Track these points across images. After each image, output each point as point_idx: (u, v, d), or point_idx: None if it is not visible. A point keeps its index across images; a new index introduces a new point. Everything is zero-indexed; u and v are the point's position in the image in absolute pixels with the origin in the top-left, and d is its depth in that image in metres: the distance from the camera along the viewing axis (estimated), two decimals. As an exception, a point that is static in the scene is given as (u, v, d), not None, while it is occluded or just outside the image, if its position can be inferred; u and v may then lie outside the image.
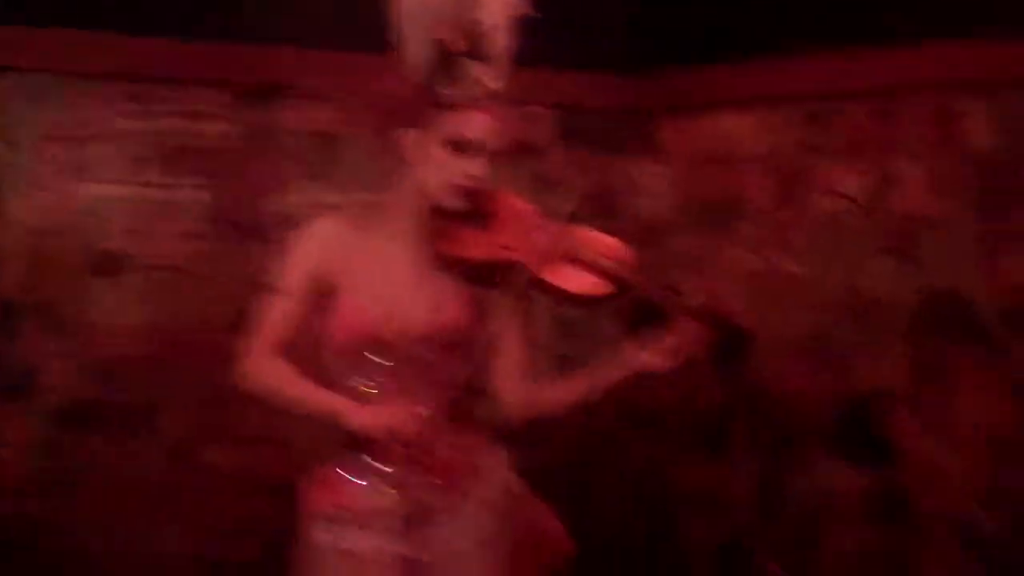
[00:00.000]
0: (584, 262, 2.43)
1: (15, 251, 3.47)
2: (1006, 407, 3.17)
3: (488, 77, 2.41)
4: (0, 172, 3.46)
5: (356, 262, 2.45)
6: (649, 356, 2.41)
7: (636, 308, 2.43)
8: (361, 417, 2.35)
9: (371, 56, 2.44)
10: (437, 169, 2.40)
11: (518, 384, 2.51)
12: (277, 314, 2.45)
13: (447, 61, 2.39)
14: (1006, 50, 3.18)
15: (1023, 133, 3.20)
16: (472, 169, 2.40)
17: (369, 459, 2.42)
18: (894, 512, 3.36)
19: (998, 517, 3.16)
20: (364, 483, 2.42)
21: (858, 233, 3.48)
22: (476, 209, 2.47)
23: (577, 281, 2.44)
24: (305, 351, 2.44)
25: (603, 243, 2.48)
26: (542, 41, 3.55)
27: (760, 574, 3.43)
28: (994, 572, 3.14)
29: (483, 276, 2.44)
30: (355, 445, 2.42)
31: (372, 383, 2.42)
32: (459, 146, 2.39)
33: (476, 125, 2.39)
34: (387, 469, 2.41)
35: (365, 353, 2.41)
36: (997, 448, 3.18)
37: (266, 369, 2.44)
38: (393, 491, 2.40)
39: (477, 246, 2.45)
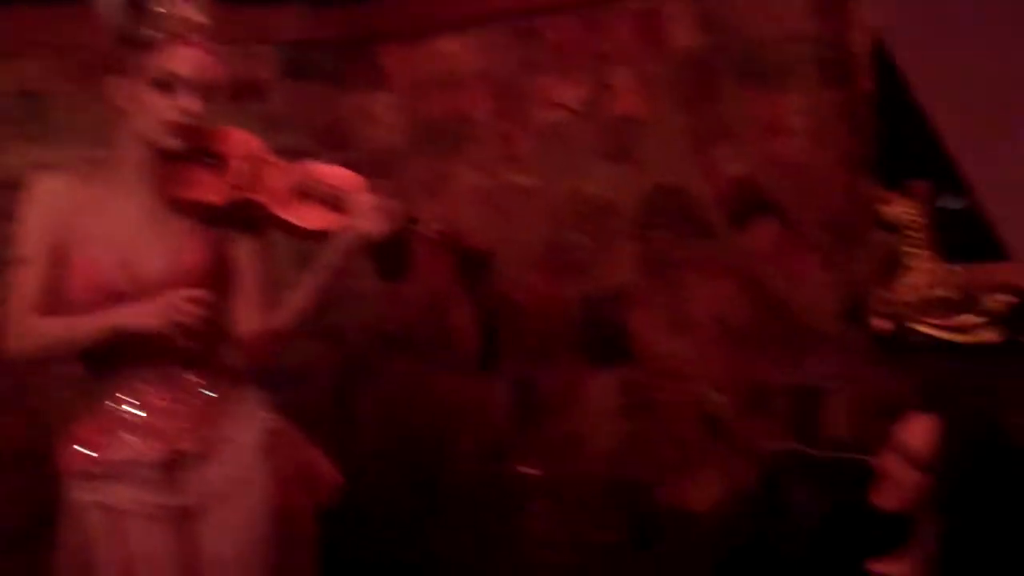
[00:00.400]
0: (317, 197, 2.46)
1: None
2: (733, 295, 3.31)
3: (183, 10, 2.39)
4: None
5: (87, 217, 2.42)
6: (360, 222, 2.44)
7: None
8: (139, 316, 2.33)
9: (70, 7, 2.39)
10: (149, 111, 2.38)
11: (258, 320, 2.52)
12: (24, 283, 2.41)
13: (137, 4, 2.36)
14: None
15: (724, 31, 3.32)
16: (185, 104, 2.38)
17: (123, 408, 2.41)
18: (640, 405, 3.50)
19: (733, 399, 3.32)
20: (118, 436, 2.41)
21: (579, 141, 3.57)
22: (203, 149, 2.47)
23: (312, 216, 2.47)
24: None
25: (335, 175, 2.52)
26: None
27: (519, 479, 3.57)
28: (733, 450, 3.30)
29: (219, 217, 2.45)
30: (108, 388, 2.42)
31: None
32: (167, 84, 2.37)
33: (181, 60, 2.38)
34: (140, 414, 2.40)
35: (106, 306, 2.38)
36: (728, 335, 3.33)
37: (33, 334, 2.40)
38: (146, 440, 2.40)
39: (210, 188, 2.45)
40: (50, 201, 2.43)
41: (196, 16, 2.40)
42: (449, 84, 3.83)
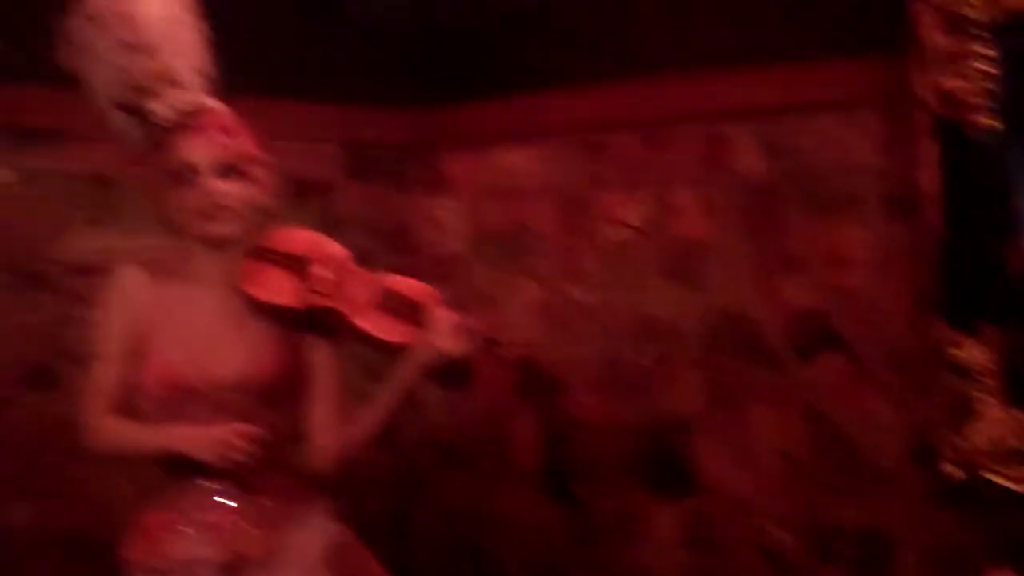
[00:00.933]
0: (393, 308, 2.47)
1: None
2: (798, 429, 3.29)
3: (179, 102, 2.41)
4: None
5: (164, 311, 2.43)
6: (438, 340, 2.42)
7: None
8: (189, 441, 2.33)
9: None
10: (178, 204, 2.41)
11: (332, 430, 2.51)
12: (100, 380, 2.43)
13: (138, 113, 2.41)
14: (769, 78, 3.32)
15: (788, 158, 3.33)
16: (208, 188, 2.39)
17: (189, 506, 2.40)
18: (702, 538, 3.45)
19: (797, 536, 3.28)
20: (183, 532, 2.39)
21: (642, 259, 3.57)
22: (284, 251, 2.48)
23: (388, 328, 2.46)
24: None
25: (411, 287, 2.52)
26: (328, 78, 3.63)
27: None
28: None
29: (295, 321, 2.45)
30: (176, 487, 2.40)
31: None
32: (185, 174, 2.39)
33: (190, 149, 2.39)
34: (205, 514, 2.39)
35: (179, 404, 2.39)
36: (792, 469, 3.30)
37: (105, 434, 2.41)
38: (210, 541, 2.39)
39: (288, 292, 2.45)
40: (127, 295, 2.45)
41: (195, 101, 2.43)
42: (512, 194, 3.85)
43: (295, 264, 2.48)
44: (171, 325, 2.42)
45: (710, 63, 3.41)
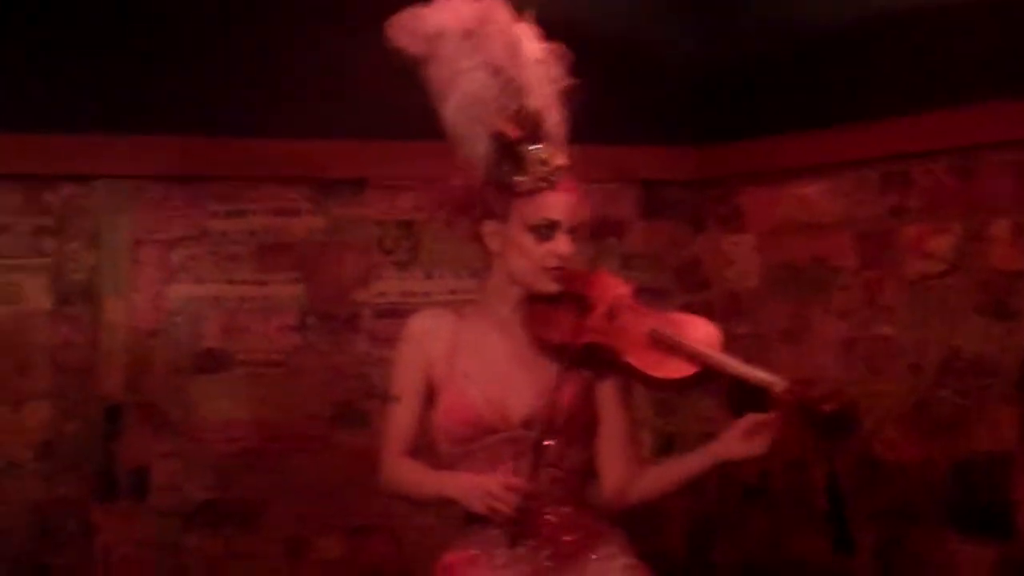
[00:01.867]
0: (671, 345, 2.43)
1: (116, 354, 3.54)
2: None
3: (552, 156, 2.43)
4: (96, 277, 3.54)
5: (460, 354, 2.48)
6: (738, 445, 2.38)
7: (734, 385, 2.40)
8: (461, 489, 2.37)
9: (441, 142, 2.48)
10: (526, 256, 2.43)
11: (622, 467, 2.51)
12: (397, 421, 2.51)
13: (508, 149, 2.42)
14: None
15: None
16: (561, 249, 2.42)
17: (490, 544, 2.43)
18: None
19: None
20: (485, 570, 2.42)
21: (952, 293, 3.42)
22: (570, 291, 2.49)
23: (662, 364, 2.42)
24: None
25: (691, 326, 2.48)
26: (620, 119, 3.66)
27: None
28: None
29: (575, 359, 2.44)
30: (477, 525, 2.43)
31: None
32: (543, 230, 2.42)
33: (554, 206, 2.42)
34: (506, 550, 2.42)
35: (475, 441, 2.43)
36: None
37: (397, 475, 2.51)
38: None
39: (565, 330, 2.46)
40: (423, 341, 2.51)
41: (559, 160, 2.44)
42: (810, 228, 3.75)
43: (578, 303, 2.49)
44: (468, 365, 2.47)
45: (1016, 89, 3.25)
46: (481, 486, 2.35)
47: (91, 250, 3.54)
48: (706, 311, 3.81)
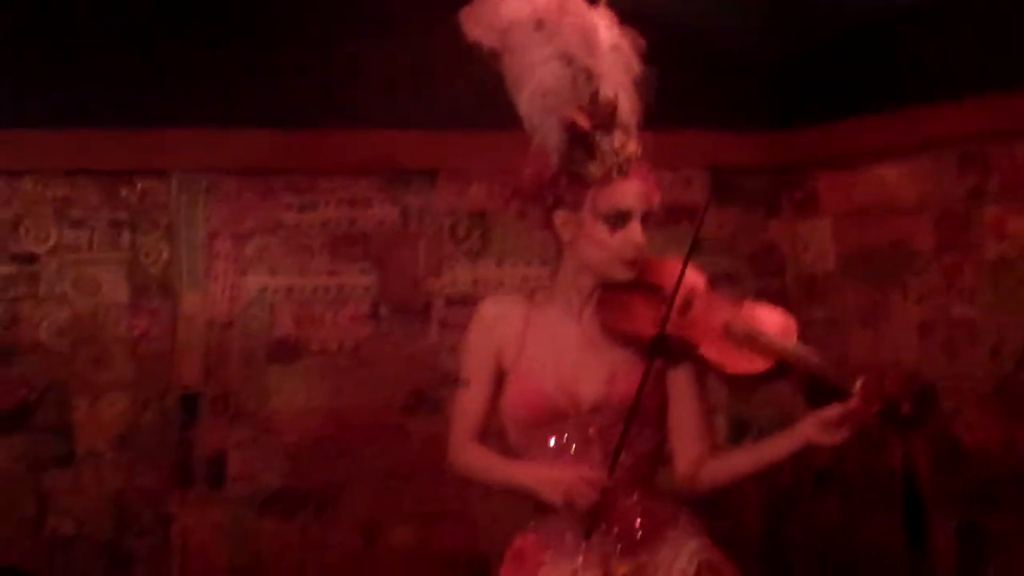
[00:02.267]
0: (745, 338, 2.40)
1: (192, 344, 3.58)
2: None
3: (624, 144, 2.42)
4: (172, 270, 3.59)
5: (528, 340, 2.48)
6: (816, 431, 2.33)
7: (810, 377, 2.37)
8: (538, 481, 2.37)
9: (513, 131, 2.47)
10: (600, 245, 2.42)
11: (694, 453, 2.48)
12: (466, 406, 2.53)
13: (581, 139, 2.40)
14: None
15: None
16: (635, 238, 2.41)
17: (562, 527, 2.42)
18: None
19: None
20: (558, 554, 2.41)
21: (1031, 274, 3.37)
22: (643, 279, 2.47)
23: (736, 359, 2.39)
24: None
25: (766, 319, 2.44)
26: (693, 105, 3.63)
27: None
28: None
29: (647, 348, 2.42)
30: (546, 514, 2.43)
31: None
32: (616, 219, 2.40)
33: (627, 194, 2.40)
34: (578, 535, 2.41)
35: (544, 426, 2.43)
36: None
37: (465, 459, 2.53)
38: (584, 562, 2.39)
39: (643, 320, 2.44)
40: (493, 327, 2.51)
41: (632, 148, 2.43)
42: (886, 211, 3.71)
43: (650, 292, 2.46)
44: (538, 351, 2.46)
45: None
46: (560, 480, 2.34)
47: (167, 243, 3.59)
48: (781, 297, 3.81)
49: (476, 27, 2.48)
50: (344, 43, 3.64)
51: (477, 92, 2.58)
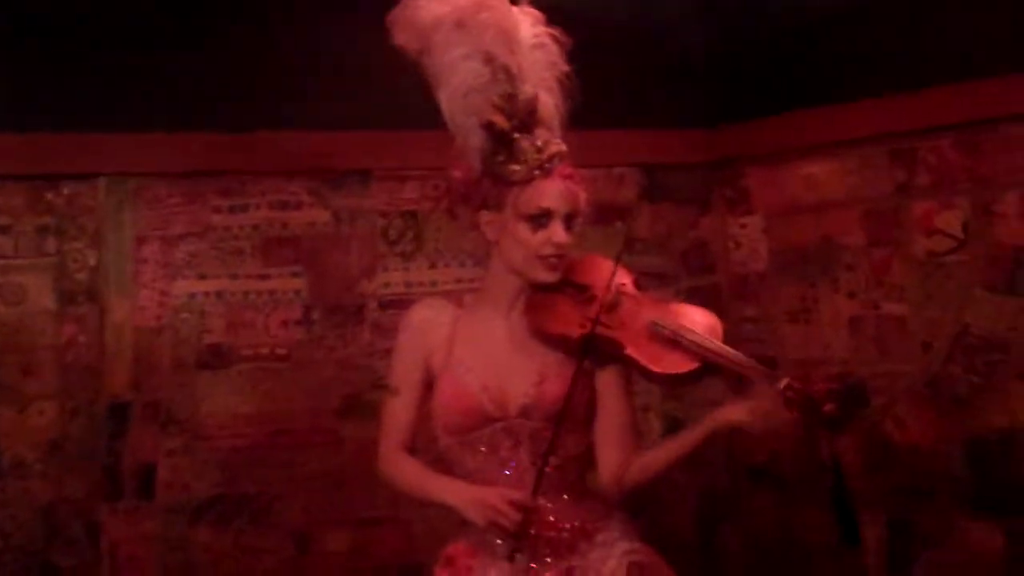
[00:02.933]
0: (672, 339, 2.41)
1: (121, 352, 3.53)
2: None
3: (546, 143, 2.42)
4: (100, 276, 3.53)
5: (457, 344, 2.47)
6: (736, 413, 2.35)
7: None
8: (461, 499, 2.37)
9: (442, 132, 2.47)
10: (521, 245, 2.42)
11: (620, 455, 2.48)
12: (395, 414, 2.51)
13: (500, 139, 2.40)
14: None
15: None
16: (557, 238, 2.40)
17: (490, 535, 2.41)
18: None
19: None
20: (486, 561, 2.41)
21: (961, 270, 3.39)
22: (570, 280, 2.47)
23: (662, 358, 2.40)
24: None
25: (693, 318, 2.45)
26: (623, 103, 3.63)
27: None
28: None
29: (575, 349, 2.42)
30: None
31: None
32: (538, 218, 2.40)
33: (548, 194, 2.40)
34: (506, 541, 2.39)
35: (472, 431, 2.42)
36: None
37: (393, 469, 2.51)
38: (512, 568, 2.38)
39: (567, 321, 2.44)
40: (422, 332, 2.50)
41: (554, 148, 2.42)
42: (817, 208, 3.72)
43: (578, 292, 2.47)
44: (467, 354, 2.46)
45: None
46: (483, 499, 2.34)
47: (94, 249, 3.54)
48: (713, 294, 3.82)
49: (401, 28, 2.47)
50: (273, 44, 3.60)
51: (409, 92, 2.56)
